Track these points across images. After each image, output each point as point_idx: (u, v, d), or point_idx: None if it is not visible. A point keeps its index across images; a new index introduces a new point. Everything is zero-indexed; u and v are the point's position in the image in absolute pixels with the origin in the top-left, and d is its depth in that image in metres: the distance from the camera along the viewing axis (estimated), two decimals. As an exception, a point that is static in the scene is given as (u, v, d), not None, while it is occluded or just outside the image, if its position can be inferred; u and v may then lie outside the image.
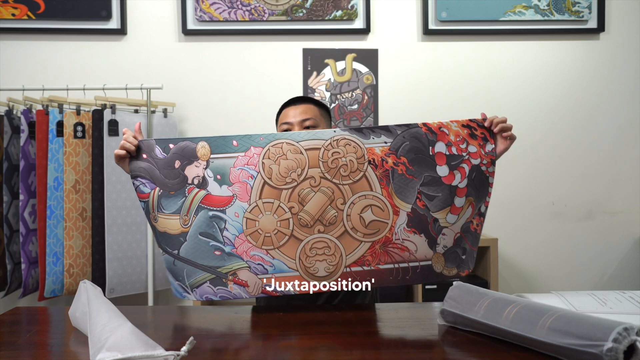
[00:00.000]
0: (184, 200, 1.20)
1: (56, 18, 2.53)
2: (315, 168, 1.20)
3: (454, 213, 1.20)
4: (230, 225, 1.19)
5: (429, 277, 1.20)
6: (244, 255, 1.19)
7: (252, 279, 1.18)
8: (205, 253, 1.18)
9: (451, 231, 1.21)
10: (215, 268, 1.18)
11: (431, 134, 1.21)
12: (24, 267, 2.17)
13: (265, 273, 1.18)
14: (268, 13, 2.55)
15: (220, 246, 1.18)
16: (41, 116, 2.18)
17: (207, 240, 1.18)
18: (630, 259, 2.65)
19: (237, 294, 1.18)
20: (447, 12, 2.57)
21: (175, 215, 1.20)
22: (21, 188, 2.17)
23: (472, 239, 1.24)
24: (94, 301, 0.98)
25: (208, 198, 1.20)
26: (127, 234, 2.26)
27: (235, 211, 1.20)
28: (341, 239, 1.20)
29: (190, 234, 1.19)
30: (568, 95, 2.64)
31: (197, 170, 1.21)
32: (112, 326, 0.84)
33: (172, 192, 1.20)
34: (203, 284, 1.19)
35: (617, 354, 0.76)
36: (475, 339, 0.97)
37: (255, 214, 1.20)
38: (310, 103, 1.53)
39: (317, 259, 1.19)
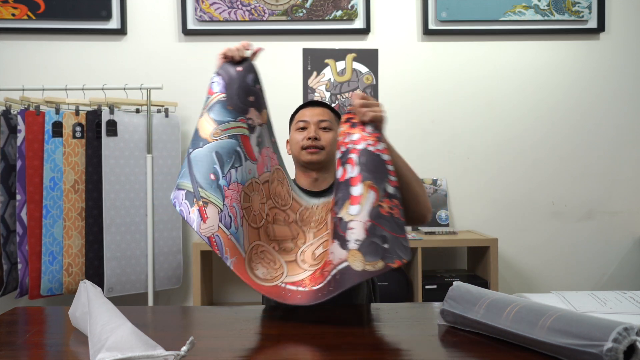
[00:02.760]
0: (231, 120, 1.23)
1: (56, 18, 2.53)
2: (293, 212, 1.30)
3: (354, 203, 1.10)
4: (241, 171, 1.21)
5: (352, 278, 1.06)
6: (226, 199, 1.18)
7: (213, 220, 1.15)
8: (204, 168, 1.18)
9: (358, 222, 1.09)
10: (199, 185, 1.17)
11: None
12: (21, 267, 2.17)
13: (226, 228, 1.17)
14: (268, 13, 2.55)
15: (218, 174, 1.18)
16: (31, 117, 2.18)
17: (215, 160, 1.19)
18: (630, 259, 2.65)
19: (190, 221, 1.15)
20: (447, 12, 2.57)
21: (214, 124, 1.22)
22: (18, 188, 2.18)
23: (389, 224, 1.09)
24: (94, 301, 0.98)
25: (245, 139, 1.24)
26: (126, 233, 2.26)
27: (250, 168, 1.24)
28: (289, 264, 1.23)
29: (209, 145, 1.20)
30: (568, 95, 2.64)
31: (255, 117, 1.27)
32: (112, 326, 0.84)
33: (230, 107, 1.24)
34: (182, 190, 1.18)
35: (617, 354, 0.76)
36: (475, 339, 0.97)
37: (255, 187, 1.25)
38: (326, 107, 1.58)
39: (261, 263, 1.21)
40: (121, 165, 2.25)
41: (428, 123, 2.63)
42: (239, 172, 1.20)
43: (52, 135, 2.18)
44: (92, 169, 2.22)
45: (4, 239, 2.21)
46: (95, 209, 2.22)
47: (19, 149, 2.18)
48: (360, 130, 1.19)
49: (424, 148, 2.62)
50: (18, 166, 2.18)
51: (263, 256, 1.22)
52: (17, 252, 2.20)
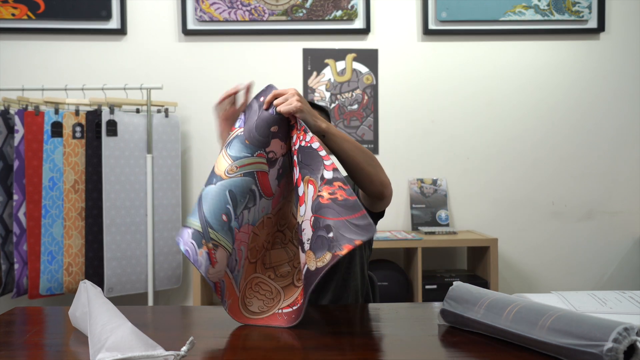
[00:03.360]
0: (247, 156, 1.14)
1: (56, 18, 2.53)
2: (290, 230, 1.25)
3: (301, 204, 1.08)
4: (254, 211, 1.15)
5: (310, 278, 1.02)
6: (236, 242, 1.13)
7: (221, 265, 1.10)
8: (216, 207, 1.11)
9: (306, 221, 1.06)
10: (209, 225, 1.09)
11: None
12: (17, 267, 2.17)
13: (231, 272, 1.14)
14: (268, 13, 2.55)
15: (231, 215, 1.11)
16: (30, 117, 2.18)
17: (228, 200, 1.11)
18: (630, 259, 2.65)
19: (198, 264, 1.08)
20: (447, 12, 2.57)
21: (230, 160, 1.14)
22: (15, 188, 2.18)
23: (333, 211, 1.03)
24: (94, 301, 0.98)
25: (262, 176, 1.16)
26: (127, 233, 2.26)
27: (264, 206, 1.18)
28: (285, 288, 1.20)
29: (223, 182, 1.12)
30: (568, 95, 2.64)
31: (277, 149, 1.17)
32: (112, 326, 0.84)
33: (247, 142, 1.15)
34: (189, 228, 1.10)
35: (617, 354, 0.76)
36: (475, 339, 0.97)
37: (266, 223, 1.21)
38: (313, 108, 1.53)
39: (256, 297, 1.18)
40: (121, 165, 2.25)
41: (428, 123, 2.63)
42: (252, 213, 1.15)
43: (52, 136, 2.18)
44: (92, 169, 2.22)
45: (2, 239, 2.21)
46: (95, 209, 2.22)
47: (16, 149, 2.18)
48: (295, 131, 1.14)
49: (424, 148, 2.62)
50: (15, 166, 2.18)
51: (258, 289, 1.18)
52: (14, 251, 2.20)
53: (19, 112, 2.20)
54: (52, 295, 2.21)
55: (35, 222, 2.18)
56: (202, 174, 2.60)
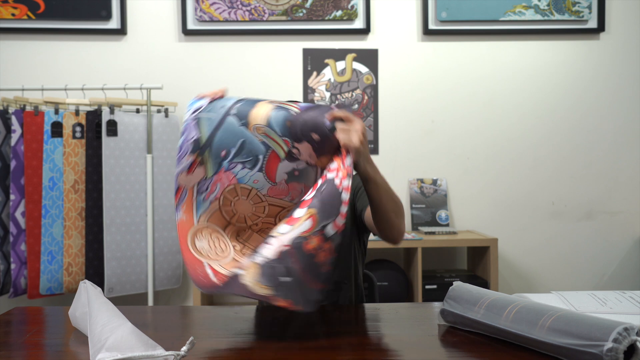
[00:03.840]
0: (276, 133, 1.15)
1: (56, 18, 2.53)
2: (270, 217, 1.21)
3: (289, 223, 1.01)
4: (246, 173, 1.17)
5: (235, 287, 0.99)
6: (216, 175, 1.16)
7: (194, 178, 1.15)
8: (224, 140, 1.15)
9: (278, 241, 0.99)
10: (209, 145, 1.15)
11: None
12: (14, 267, 2.18)
13: (197, 193, 1.17)
14: (268, 13, 2.55)
15: (229, 156, 1.15)
16: (30, 117, 2.18)
17: (237, 145, 1.15)
18: (630, 259, 2.65)
19: (180, 157, 1.13)
20: (447, 12, 2.57)
21: (266, 122, 1.17)
22: (12, 188, 2.18)
23: (305, 263, 0.97)
24: (94, 301, 0.98)
25: (273, 158, 1.16)
26: (127, 233, 2.26)
27: (258, 179, 1.17)
28: (235, 255, 1.18)
29: (245, 131, 1.16)
30: (568, 95, 2.64)
31: (305, 154, 1.15)
32: (112, 326, 0.85)
33: (288, 124, 1.14)
34: (198, 127, 1.16)
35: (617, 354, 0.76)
36: (475, 339, 0.97)
37: (253, 197, 1.20)
38: None
39: (208, 241, 1.16)
40: (121, 165, 2.25)
41: (428, 123, 2.63)
42: (244, 172, 1.15)
43: (52, 136, 2.19)
44: (92, 169, 2.22)
45: (0, 240, 2.21)
46: (95, 209, 2.22)
47: (13, 149, 2.18)
48: (339, 160, 1.09)
49: (424, 148, 2.62)
50: (12, 166, 2.18)
51: (214, 239, 1.16)
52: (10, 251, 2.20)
53: (16, 112, 2.20)
54: (52, 295, 2.21)
55: (35, 222, 2.18)
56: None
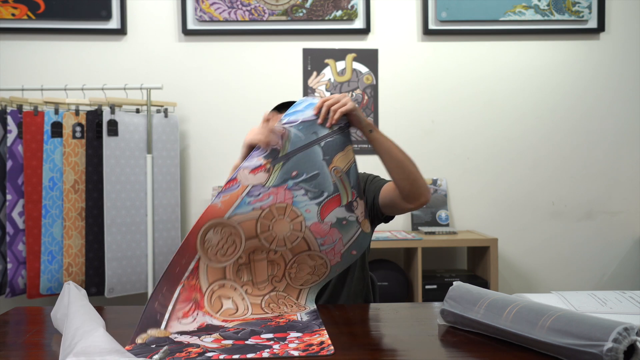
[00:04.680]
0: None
1: (56, 18, 2.53)
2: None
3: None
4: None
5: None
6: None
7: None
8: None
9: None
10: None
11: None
12: (11, 267, 2.18)
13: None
14: (268, 13, 2.55)
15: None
16: (29, 117, 2.18)
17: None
18: (630, 259, 2.65)
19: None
20: (447, 12, 2.57)
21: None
22: (8, 188, 2.18)
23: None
24: (73, 304, 0.96)
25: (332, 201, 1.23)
26: (127, 233, 2.26)
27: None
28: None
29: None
30: (568, 95, 2.64)
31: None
32: (84, 330, 0.82)
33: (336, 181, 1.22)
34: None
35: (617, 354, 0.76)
36: (475, 339, 0.97)
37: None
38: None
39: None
40: (122, 165, 2.25)
41: (428, 123, 2.63)
42: (303, 198, 1.18)
43: (52, 136, 2.18)
44: (93, 169, 2.22)
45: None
46: (95, 209, 2.22)
47: (9, 150, 2.18)
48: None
49: (424, 148, 2.62)
50: (8, 166, 2.18)
51: (228, 242, 1.17)
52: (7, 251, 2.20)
53: (12, 113, 2.20)
54: (52, 295, 2.21)
55: (34, 222, 2.18)
56: (199, 172, 2.60)
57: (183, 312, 1.09)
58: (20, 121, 2.20)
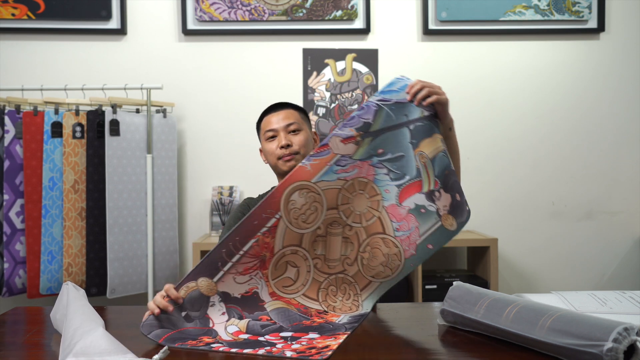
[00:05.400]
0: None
1: (56, 18, 2.53)
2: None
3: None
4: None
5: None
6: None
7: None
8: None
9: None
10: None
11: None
12: (8, 266, 2.18)
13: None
14: (268, 13, 2.55)
15: None
16: (29, 117, 2.18)
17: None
18: (630, 259, 2.65)
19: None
20: (447, 12, 2.57)
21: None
22: (5, 188, 2.18)
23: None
24: (72, 304, 0.96)
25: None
26: (128, 234, 2.26)
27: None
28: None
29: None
30: (568, 95, 2.64)
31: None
32: (83, 330, 0.82)
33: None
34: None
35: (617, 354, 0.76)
36: (475, 339, 0.97)
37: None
38: (290, 108, 1.53)
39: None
40: (123, 165, 2.25)
41: (428, 123, 2.62)
42: (384, 177, 1.19)
43: (52, 136, 2.19)
44: (93, 169, 2.22)
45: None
46: (96, 209, 2.22)
47: (6, 150, 2.19)
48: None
49: (424, 148, 2.61)
50: (6, 166, 2.18)
51: (312, 207, 1.17)
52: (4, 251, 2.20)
53: (9, 113, 2.21)
54: (52, 295, 2.21)
55: (34, 222, 2.18)
56: (195, 172, 2.60)
57: (245, 267, 1.10)
58: (17, 121, 2.20)
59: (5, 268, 2.18)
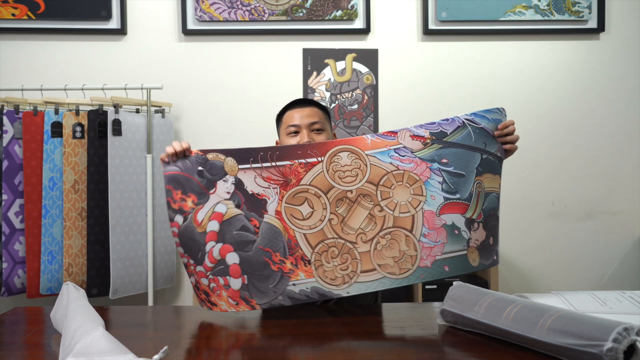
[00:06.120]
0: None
1: (56, 18, 2.53)
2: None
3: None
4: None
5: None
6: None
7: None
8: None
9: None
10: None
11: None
12: (6, 266, 2.18)
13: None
14: (268, 13, 2.55)
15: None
16: (29, 117, 2.18)
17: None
18: (630, 259, 2.65)
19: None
20: (447, 12, 2.57)
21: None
22: (4, 188, 2.18)
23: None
24: (72, 304, 0.96)
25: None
26: (130, 234, 2.26)
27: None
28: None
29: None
30: (568, 95, 2.64)
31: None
32: (83, 330, 0.82)
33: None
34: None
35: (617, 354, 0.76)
36: (475, 339, 0.97)
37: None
38: (315, 106, 1.51)
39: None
40: (125, 165, 2.26)
41: (428, 123, 2.62)
42: (435, 183, 1.22)
43: (52, 136, 2.19)
44: (94, 169, 2.22)
45: None
46: (97, 210, 2.22)
47: (5, 150, 2.19)
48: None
49: (424, 148, 2.61)
50: (4, 166, 2.18)
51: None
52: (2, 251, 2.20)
53: (7, 113, 2.20)
54: (52, 295, 2.21)
55: (34, 222, 2.18)
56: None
57: (269, 177, 1.19)
58: (16, 121, 2.20)
59: (4, 268, 2.18)
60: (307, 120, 1.46)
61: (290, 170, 1.19)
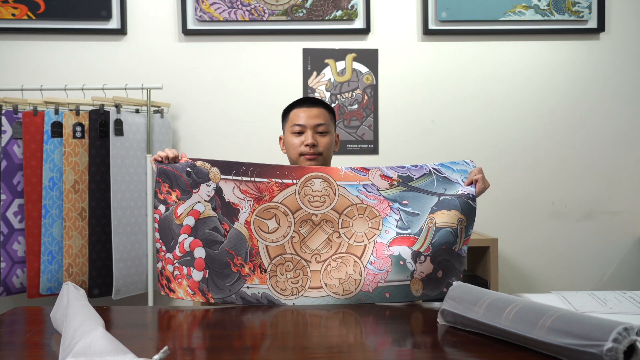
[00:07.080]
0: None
1: (56, 18, 2.53)
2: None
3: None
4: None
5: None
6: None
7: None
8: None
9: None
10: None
11: None
12: (4, 266, 2.18)
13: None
14: (268, 13, 2.55)
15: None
16: (29, 117, 2.18)
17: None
18: (630, 259, 2.65)
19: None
20: (447, 12, 2.57)
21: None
22: (3, 188, 2.19)
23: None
24: (72, 304, 0.96)
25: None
26: (131, 234, 2.26)
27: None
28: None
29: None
30: (568, 95, 2.64)
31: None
32: (83, 330, 0.81)
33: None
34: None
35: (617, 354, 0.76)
36: (475, 339, 0.97)
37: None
38: (322, 107, 1.52)
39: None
40: (126, 165, 2.26)
41: (428, 123, 2.63)
42: (392, 220, 1.34)
43: (52, 136, 2.19)
44: (95, 168, 2.22)
45: None
46: (98, 209, 2.22)
47: (3, 150, 2.19)
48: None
49: (424, 148, 2.62)
50: (3, 166, 2.18)
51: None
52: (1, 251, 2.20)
53: (6, 113, 2.21)
54: (52, 294, 2.21)
55: (34, 222, 2.18)
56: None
57: (245, 190, 1.32)
58: (15, 121, 2.20)
59: (2, 267, 2.18)
60: (313, 122, 1.47)
61: (266, 187, 1.32)
